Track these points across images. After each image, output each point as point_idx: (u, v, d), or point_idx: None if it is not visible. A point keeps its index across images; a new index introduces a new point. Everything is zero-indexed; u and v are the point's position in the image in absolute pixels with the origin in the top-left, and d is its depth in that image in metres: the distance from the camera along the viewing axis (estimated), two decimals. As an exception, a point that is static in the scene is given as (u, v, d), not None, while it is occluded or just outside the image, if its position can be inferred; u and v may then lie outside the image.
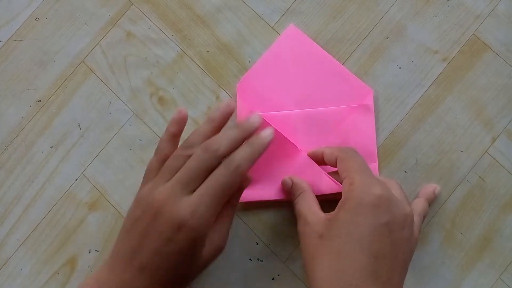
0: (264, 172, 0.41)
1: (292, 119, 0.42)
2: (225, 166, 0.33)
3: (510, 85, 0.43)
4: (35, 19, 0.45)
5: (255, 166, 0.41)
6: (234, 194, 0.37)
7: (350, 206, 0.33)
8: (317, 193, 0.39)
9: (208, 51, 0.44)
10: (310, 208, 0.36)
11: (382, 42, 0.44)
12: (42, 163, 0.44)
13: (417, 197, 0.41)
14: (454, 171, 0.42)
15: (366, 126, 0.42)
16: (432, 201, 0.41)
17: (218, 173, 0.33)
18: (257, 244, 0.42)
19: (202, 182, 0.33)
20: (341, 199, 0.34)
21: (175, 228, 0.32)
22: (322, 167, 0.40)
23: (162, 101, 0.44)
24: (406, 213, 0.34)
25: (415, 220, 0.36)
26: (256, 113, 0.36)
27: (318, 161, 0.40)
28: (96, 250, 0.42)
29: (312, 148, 0.41)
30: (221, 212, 0.35)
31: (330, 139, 0.42)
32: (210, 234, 0.35)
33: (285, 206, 0.42)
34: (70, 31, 0.45)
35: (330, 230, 0.33)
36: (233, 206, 0.38)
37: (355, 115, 0.42)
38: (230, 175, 0.33)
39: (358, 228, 0.32)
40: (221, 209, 0.34)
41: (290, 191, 0.39)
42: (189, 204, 0.32)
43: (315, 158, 0.40)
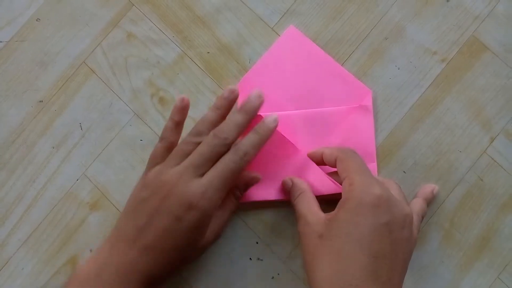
0: (264, 172, 0.41)
1: (291, 120, 0.42)
2: (234, 152, 0.36)
3: (508, 85, 0.43)
4: (36, 20, 0.46)
5: (256, 167, 0.41)
6: (240, 187, 0.39)
7: (350, 206, 0.33)
8: (317, 193, 0.39)
9: (208, 52, 0.45)
10: (310, 208, 0.36)
11: (381, 43, 0.44)
12: (44, 164, 0.44)
13: (415, 197, 0.41)
14: (452, 171, 0.42)
15: (365, 126, 0.42)
16: (430, 201, 0.41)
17: (227, 158, 0.36)
18: (257, 243, 0.42)
19: (211, 167, 0.36)
20: (341, 199, 0.35)
21: (186, 207, 0.34)
22: (321, 168, 0.40)
23: (163, 101, 0.44)
24: (405, 213, 0.34)
25: (414, 220, 0.36)
26: (255, 90, 0.38)
27: (318, 161, 0.40)
28: (97, 250, 0.42)
29: (311, 148, 0.41)
30: (224, 201, 0.38)
31: (330, 140, 0.42)
32: (212, 220, 0.36)
33: (285, 205, 0.42)
34: (71, 32, 0.45)
35: (330, 230, 0.34)
36: (236, 198, 0.39)
37: (354, 116, 0.42)
38: (239, 161, 0.36)
39: (358, 228, 0.33)
40: (225, 195, 0.37)
41: (290, 192, 0.39)
42: (199, 185, 0.35)
43: (315, 159, 0.40)
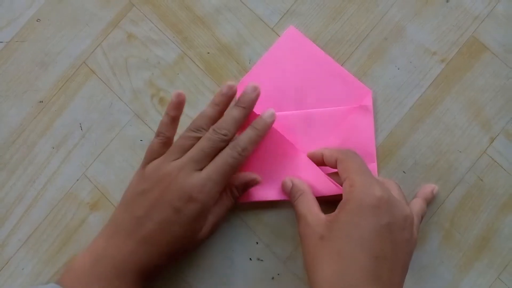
0: (264, 172, 0.41)
1: (291, 120, 0.42)
2: (232, 148, 0.37)
3: (508, 86, 0.43)
4: (37, 20, 0.46)
5: (256, 167, 0.41)
6: (238, 187, 0.39)
7: (351, 207, 0.33)
8: (317, 194, 0.39)
9: (208, 52, 0.45)
10: (310, 209, 0.36)
11: (381, 43, 0.44)
12: (44, 164, 0.44)
13: (415, 197, 0.41)
14: (452, 172, 0.42)
15: (365, 126, 0.42)
16: (430, 201, 0.41)
17: (226, 153, 0.37)
18: (257, 243, 0.42)
19: (210, 162, 0.37)
20: (341, 201, 0.35)
21: (185, 200, 0.35)
22: (321, 168, 0.40)
23: (163, 102, 0.44)
24: (406, 214, 0.34)
25: (414, 220, 0.36)
26: (251, 83, 0.39)
27: (318, 162, 0.40)
28: (97, 250, 0.42)
29: (311, 148, 0.41)
30: (221, 197, 0.38)
31: (330, 140, 0.42)
32: (208, 215, 0.37)
33: (285, 206, 0.42)
34: (72, 33, 0.45)
35: (330, 231, 0.34)
36: (234, 196, 0.39)
37: (354, 116, 0.42)
38: (237, 157, 0.37)
39: (358, 229, 0.33)
40: (223, 190, 0.38)
41: (290, 193, 0.39)
42: (199, 179, 0.36)
43: (315, 159, 0.40)
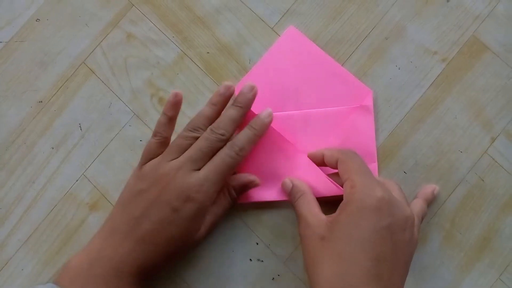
0: (264, 173, 0.41)
1: (292, 120, 0.42)
2: (230, 148, 0.37)
3: (509, 86, 0.43)
4: (36, 20, 0.46)
5: (256, 167, 0.41)
6: (236, 188, 0.39)
7: (352, 208, 0.33)
8: (317, 195, 0.39)
9: (208, 52, 0.45)
10: (310, 210, 0.36)
11: (381, 43, 0.44)
12: (43, 164, 0.44)
13: (415, 197, 0.41)
14: (453, 172, 0.42)
15: (365, 126, 0.42)
16: (431, 201, 0.41)
17: (223, 153, 0.37)
18: (257, 244, 0.42)
19: (208, 161, 0.37)
20: (342, 202, 0.34)
21: (183, 199, 0.35)
22: (322, 169, 0.40)
23: (163, 102, 0.44)
24: (407, 215, 0.34)
25: (415, 221, 0.36)
26: (247, 83, 0.39)
27: (318, 162, 0.40)
28: (96, 251, 0.42)
29: (312, 149, 0.41)
30: (219, 198, 0.38)
31: (330, 140, 0.42)
32: (206, 215, 0.37)
33: (285, 206, 0.42)
34: (71, 32, 0.45)
35: (331, 232, 0.34)
36: (232, 197, 0.39)
37: (355, 116, 0.42)
38: (235, 156, 0.37)
39: (360, 230, 0.33)
40: (220, 190, 0.38)
41: (290, 193, 0.39)
42: (197, 179, 0.36)
43: (315, 160, 0.40)
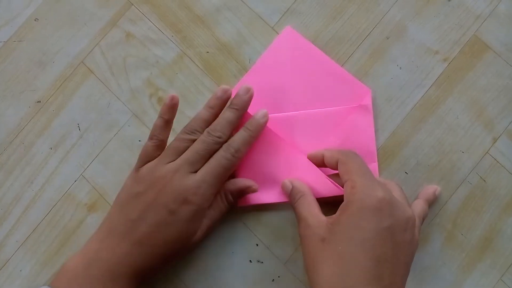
0: (263, 175, 0.41)
1: (291, 121, 0.42)
2: (226, 150, 0.37)
3: (510, 85, 0.43)
4: (35, 20, 0.45)
5: (255, 169, 0.41)
6: (233, 193, 0.39)
7: (353, 209, 0.33)
8: (317, 196, 0.39)
9: (207, 52, 0.44)
10: (310, 211, 0.36)
11: (382, 42, 0.44)
12: (42, 164, 0.43)
13: (417, 198, 0.40)
14: (455, 172, 0.42)
15: (365, 126, 0.42)
16: (432, 202, 0.41)
17: (219, 155, 0.37)
18: (257, 245, 0.42)
19: (204, 164, 0.37)
20: (343, 202, 0.34)
21: (180, 201, 0.35)
22: (321, 169, 0.40)
23: (162, 101, 0.44)
24: (408, 216, 0.34)
25: (416, 222, 0.36)
26: (244, 85, 0.39)
27: (318, 163, 0.40)
28: (95, 252, 0.42)
29: (311, 149, 0.41)
30: (216, 201, 0.38)
31: (329, 140, 0.42)
32: (203, 218, 0.37)
33: (285, 207, 0.42)
34: (70, 32, 0.45)
35: (332, 233, 0.33)
36: (229, 202, 0.39)
37: (354, 115, 0.42)
38: (231, 158, 0.37)
39: (361, 231, 0.32)
40: (217, 193, 0.38)
41: (290, 194, 0.39)
42: (194, 181, 0.36)
43: (315, 161, 0.40)
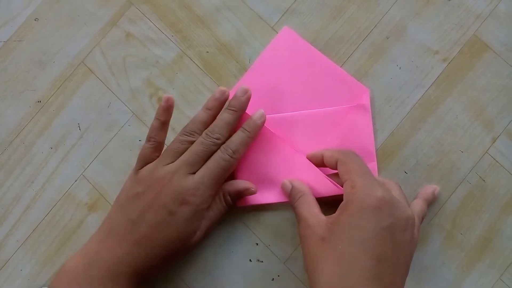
0: (263, 176, 0.41)
1: (289, 121, 0.42)
2: (224, 151, 0.38)
3: (510, 85, 0.43)
4: (35, 20, 0.45)
5: (254, 170, 0.41)
6: (231, 194, 0.39)
7: (353, 209, 0.33)
8: (317, 196, 0.39)
9: (207, 52, 0.44)
10: (310, 211, 0.36)
11: (382, 42, 0.44)
12: (42, 164, 0.43)
13: (416, 198, 0.40)
14: (454, 172, 0.42)
15: (363, 125, 0.42)
16: (431, 202, 0.41)
17: (218, 156, 0.37)
18: (257, 245, 0.42)
19: (203, 165, 0.37)
20: (342, 202, 0.34)
21: (179, 202, 0.36)
22: (321, 169, 0.40)
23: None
24: (407, 215, 0.34)
25: (415, 221, 0.36)
26: (241, 86, 0.39)
27: (318, 163, 0.40)
28: (95, 251, 0.42)
29: (310, 149, 0.41)
30: (215, 202, 0.38)
31: (328, 140, 0.42)
32: (202, 219, 0.37)
33: (284, 207, 0.42)
34: (70, 32, 0.45)
35: (332, 233, 0.33)
36: (227, 203, 0.39)
37: (352, 115, 0.42)
38: (229, 159, 0.38)
39: (360, 231, 0.32)
40: (216, 193, 0.38)
41: (290, 194, 0.39)
42: (193, 182, 0.36)
43: (315, 161, 0.40)
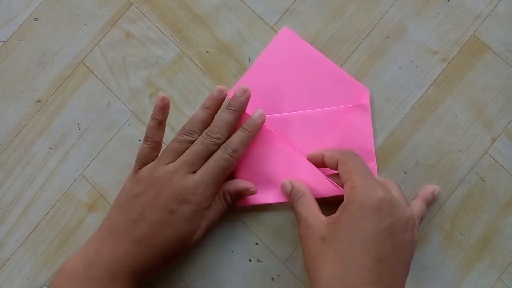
0: (263, 176, 0.41)
1: (289, 122, 0.42)
2: (223, 150, 0.38)
3: (509, 85, 0.43)
4: (34, 20, 0.45)
5: (254, 170, 0.41)
6: (231, 194, 0.39)
7: (353, 209, 0.33)
8: (317, 196, 0.39)
9: (207, 52, 0.44)
10: (310, 211, 0.36)
11: (382, 42, 0.44)
12: (41, 164, 0.43)
13: (415, 198, 0.40)
14: (454, 172, 0.42)
15: (363, 125, 0.42)
16: (431, 202, 0.41)
17: (218, 155, 0.38)
18: (256, 244, 0.42)
19: (203, 164, 0.37)
20: (343, 202, 0.34)
21: (180, 201, 0.36)
22: (321, 170, 0.40)
23: (162, 101, 0.44)
24: (408, 216, 0.34)
25: (415, 222, 0.36)
26: (240, 86, 0.39)
27: (318, 164, 0.40)
28: (95, 251, 0.42)
29: (310, 150, 0.41)
30: (215, 201, 0.38)
31: (328, 140, 0.42)
32: (202, 218, 0.37)
33: (284, 207, 0.42)
34: (70, 32, 0.45)
35: (332, 233, 0.33)
36: (227, 203, 0.39)
37: (352, 115, 0.42)
38: (229, 159, 0.38)
39: (360, 231, 0.32)
40: (216, 193, 0.38)
41: (290, 195, 0.39)
42: (193, 181, 0.36)
43: (315, 161, 0.40)
